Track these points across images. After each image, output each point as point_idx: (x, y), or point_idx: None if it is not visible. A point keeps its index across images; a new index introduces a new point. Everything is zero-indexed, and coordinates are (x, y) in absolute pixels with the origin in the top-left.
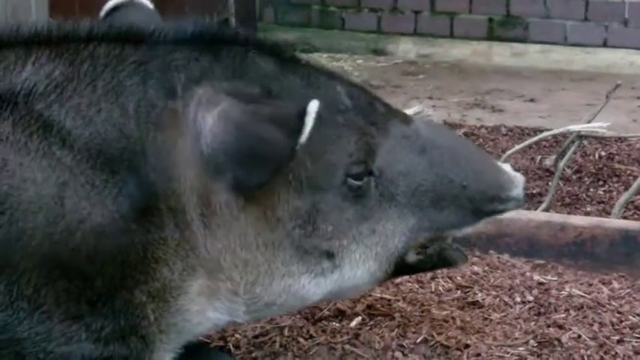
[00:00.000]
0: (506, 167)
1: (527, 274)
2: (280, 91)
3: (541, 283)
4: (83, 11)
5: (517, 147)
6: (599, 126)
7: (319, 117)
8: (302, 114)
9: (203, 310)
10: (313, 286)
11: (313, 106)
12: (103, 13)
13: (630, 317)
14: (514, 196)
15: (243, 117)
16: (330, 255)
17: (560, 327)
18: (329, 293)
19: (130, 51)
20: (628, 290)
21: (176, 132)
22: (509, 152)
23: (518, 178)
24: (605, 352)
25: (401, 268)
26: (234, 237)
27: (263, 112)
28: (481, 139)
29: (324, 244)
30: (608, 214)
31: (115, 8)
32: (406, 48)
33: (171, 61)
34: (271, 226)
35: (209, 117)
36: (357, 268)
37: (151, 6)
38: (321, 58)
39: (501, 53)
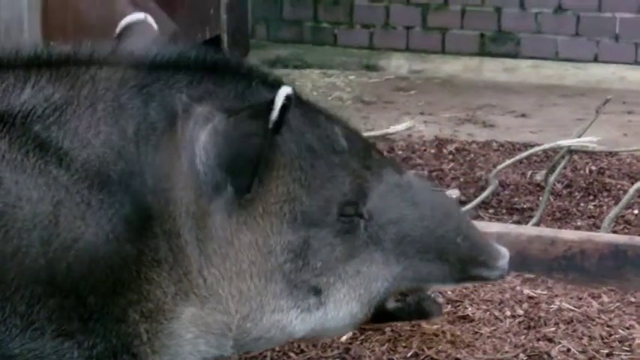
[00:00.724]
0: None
1: (518, 288)
2: None
3: (531, 297)
4: (76, 31)
5: (508, 162)
6: (589, 141)
7: (312, 152)
8: (273, 100)
9: (195, 341)
10: (299, 322)
11: (284, 90)
12: (117, 30)
13: (620, 331)
14: (500, 265)
15: (227, 127)
16: (317, 291)
17: (550, 340)
18: (311, 331)
19: (132, 74)
20: (617, 304)
21: (175, 154)
22: (499, 167)
23: (504, 251)
24: None
25: (380, 313)
26: (231, 264)
27: (241, 115)
28: (472, 155)
29: (312, 280)
30: (598, 228)
31: (128, 27)
32: (398, 64)
33: (174, 84)
34: (264, 256)
35: (202, 135)
36: (340, 307)
37: (156, 28)
38: (314, 74)
39: (493, 69)
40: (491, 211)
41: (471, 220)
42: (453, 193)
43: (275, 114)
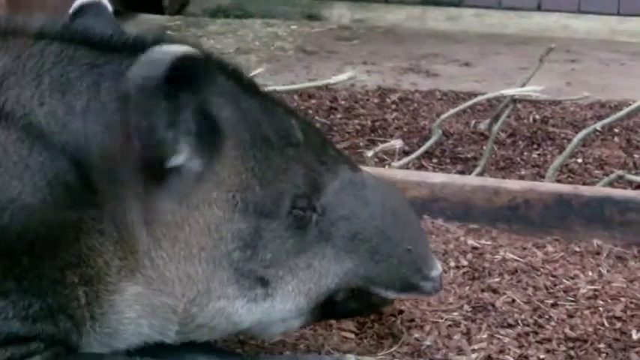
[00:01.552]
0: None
1: (462, 238)
2: (235, 111)
3: (475, 248)
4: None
5: (451, 111)
6: (532, 90)
7: (268, 143)
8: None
9: (139, 321)
10: (245, 311)
11: (174, 47)
12: (70, 12)
13: (564, 280)
14: (433, 276)
15: (141, 96)
16: (264, 282)
17: (495, 291)
18: (258, 322)
19: (84, 53)
20: (562, 254)
21: (125, 136)
22: (443, 116)
23: (439, 265)
24: (540, 316)
25: (329, 309)
26: (180, 248)
27: None
28: (415, 104)
29: (260, 270)
30: (542, 177)
31: (81, 9)
32: (340, 13)
33: (129, 66)
34: (214, 243)
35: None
36: (288, 300)
37: (111, 10)
38: (255, 24)
39: (436, 17)
40: (434, 160)
41: (419, 224)
42: (397, 143)
43: (162, 70)
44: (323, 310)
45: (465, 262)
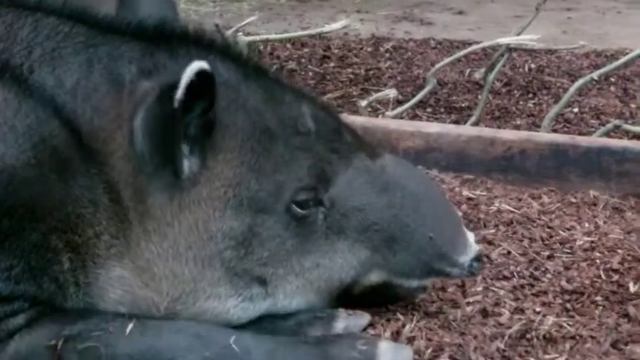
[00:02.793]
0: (469, 235)
1: (456, 189)
2: (233, 101)
3: (470, 199)
4: None
5: (446, 60)
6: (528, 38)
7: (269, 134)
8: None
9: (117, 306)
10: (239, 310)
11: (193, 66)
12: None
13: (560, 232)
14: (460, 262)
15: (151, 108)
16: (262, 281)
17: (490, 243)
18: (265, 312)
19: (81, 31)
20: (558, 205)
21: (116, 123)
22: (438, 66)
23: (473, 248)
24: (536, 269)
25: (348, 300)
26: (168, 245)
27: (158, 96)
28: (410, 53)
29: (256, 269)
30: (538, 126)
31: None
32: None
33: (125, 52)
34: (203, 241)
35: (139, 113)
36: (293, 298)
37: None
38: None
39: None
40: (429, 110)
41: (448, 208)
42: (390, 92)
43: (180, 93)
44: (341, 302)
45: (460, 213)
